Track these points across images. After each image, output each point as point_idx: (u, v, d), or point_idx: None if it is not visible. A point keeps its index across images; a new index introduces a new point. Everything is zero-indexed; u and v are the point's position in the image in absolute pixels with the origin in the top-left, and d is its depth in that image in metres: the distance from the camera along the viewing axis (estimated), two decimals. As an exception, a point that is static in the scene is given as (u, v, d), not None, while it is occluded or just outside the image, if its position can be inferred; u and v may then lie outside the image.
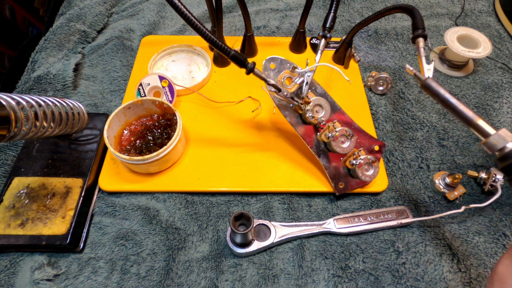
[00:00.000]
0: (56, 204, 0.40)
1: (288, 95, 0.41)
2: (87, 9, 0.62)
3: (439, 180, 0.45)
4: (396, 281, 0.39)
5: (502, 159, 0.23)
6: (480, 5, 0.70)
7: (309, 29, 0.64)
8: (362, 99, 0.53)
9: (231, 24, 0.65)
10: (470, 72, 0.58)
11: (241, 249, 0.39)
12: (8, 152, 0.46)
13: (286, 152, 0.47)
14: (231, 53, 0.36)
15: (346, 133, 0.42)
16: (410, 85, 0.56)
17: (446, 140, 0.50)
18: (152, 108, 0.46)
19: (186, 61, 0.57)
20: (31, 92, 0.51)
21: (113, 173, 0.44)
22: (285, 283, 0.38)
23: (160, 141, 0.44)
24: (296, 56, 0.59)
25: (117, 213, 0.42)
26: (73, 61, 0.55)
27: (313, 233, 0.41)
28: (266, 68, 0.42)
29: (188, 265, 0.39)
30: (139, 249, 0.40)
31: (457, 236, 0.42)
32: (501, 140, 0.23)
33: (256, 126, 0.50)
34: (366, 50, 0.61)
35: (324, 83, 0.55)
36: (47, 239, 0.38)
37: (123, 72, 0.56)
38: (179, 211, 0.43)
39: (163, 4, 0.67)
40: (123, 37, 0.60)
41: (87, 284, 0.38)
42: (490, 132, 0.24)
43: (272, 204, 0.44)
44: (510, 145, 0.23)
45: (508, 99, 0.55)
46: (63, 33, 0.58)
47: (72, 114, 0.40)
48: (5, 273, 0.38)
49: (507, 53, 0.61)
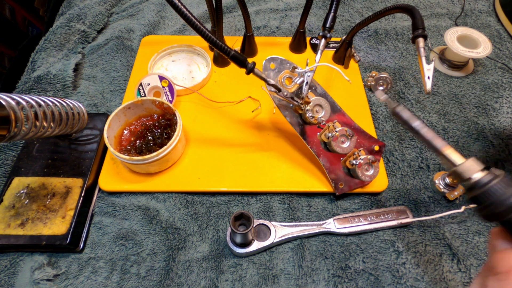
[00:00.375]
0: (56, 204, 0.40)
1: (288, 95, 0.41)
2: (87, 9, 0.62)
3: (439, 180, 0.45)
4: (396, 281, 0.39)
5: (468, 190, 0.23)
6: (480, 5, 0.70)
7: (309, 29, 0.64)
8: (362, 99, 0.53)
9: (231, 24, 0.65)
10: (470, 72, 0.58)
11: (241, 249, 0.39)
12: (8, 152, 0.46)
13: (286, 152, 0.47)
14: (231, 53, 0.36)
15: (346, 133, 0.42)
16: (410, 85, 0.56)
17: (446, 140, 0.50)
18: (152, 108, 0.46)
19: (186, 61, 0.57)
20: (31, 92, 0.51)
21: (113, 173, 0.44)
22: (285, 283, 0.38)
23: (160, 141, 0.44)
24: (296, 56, 0.59)
25: (117, 213, 0.42)
26: (73, 61, 0.55)
27: (313, 233, 0.41)
28: (266, 68, 0.42)
29: (188, 265, 0.39)
30: (139, 249, 0.40)
31: (457, 236, 0.42)
32: (467, 171, 0.23)
33: (256, 126, 0.50)
34: (366, 50, 0.61)
35: (324, 83, 0.55)
36: (47, 239, 0.38)
37: (123, 72, 0.56)
38: (179, 211, 0.43)
39: (163, 4, 0.67)
40: (123, 37, 0.60)
41: (87, 284, 0.38)
42: (457, 162, 0.24)
43: (272, 204, 0.44)
44: (476, 176, 0.23)
45: (508, 99, 0.55)
46: (63, 33, 0.58)
47: (72, 114, 0.40)
48: (5, 273, 0.38)
49: (507, 53, 0.61)
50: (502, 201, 0.22)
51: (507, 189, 0.22)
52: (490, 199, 0.22)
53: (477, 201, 0.23)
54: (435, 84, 0.57)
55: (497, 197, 0.22)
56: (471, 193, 0.24)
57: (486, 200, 0.22)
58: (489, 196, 0.22)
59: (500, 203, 0.22)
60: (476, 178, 0.23)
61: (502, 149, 0.49)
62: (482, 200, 0.23)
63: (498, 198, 0.22)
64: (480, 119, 0.52)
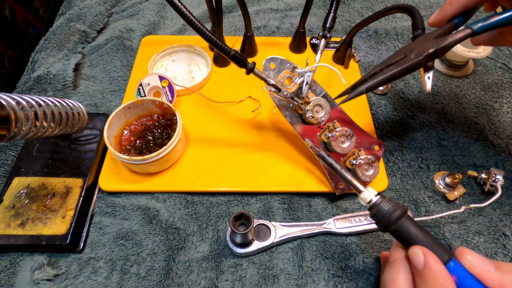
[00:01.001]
0: (56, 204, 0.40)
1: (288, 95, 0.41)
2: (87, 9, 0.62)
3: (439, 180, 0.45)
4: (396, 281, 0.39)
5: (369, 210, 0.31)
6: (480, 5, 0.69)
7: (309, 29, 0.64)
8: (362, 99, 0.53)
9: (231, 24, 0.65)
10: (470, 72, 0.58)
11: (241, 249, 0.39)
12: (8, 152, 0.46)
13: (286, 152, 0.47)
14: (231, 53, 0.36)
15: (346, 133, 0.42)
16: (410, 85, 0.56)
17: (446, 140, 0.50)
18: (152, 108, 0.46)
19: (186, 61, 0.57)
20: (31, 92, 0.51)
21: (113, 173, 0.44)
22: (285, 283, 0.38)
23: (160, 141, 0.45)
24: (296, 56, 0.59)
25: (117, 213, 0.42)
26: (73, 61, 0.55)
27: (313, 233, 0.41)
28: (266, 68, 0.42)
29: (188, 265, 0.39)
30: (139, 249, 0.40)
31: (457, 236, 0.42)
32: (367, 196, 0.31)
33: (256, 126, 0.50)
34: (366, 50, 0.61)
35: (324, 83, 0.55)
36: (47, 239, 0.38)
37: (123, 72, 0.56)
38: (179, 211, 0.43)
39: (163, 4, 0.67)
40: (123, 37, 0.60)
41: (87, 284, 0.38)
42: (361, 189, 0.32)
43: (272, 204, 0.44)
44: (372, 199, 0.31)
45: (508, 99, 0.55)
46: (63, 33, 0.58)
47: (72, 114, 0.40)
48: (5, 273, 0.38)
49: (507, 53, 0.61)
50: (387, 217, 0.29)
51: (390, 208, 0.29)
52: (380, 216, 0.29)
53: (375, 217, 0.30)
54: (435, 84, 0.57)
55: (383, 214, 0.29)
56: (371, 212, 0.30)
57: (379, 216, 0.29)
58: (380, 213, 0.29)
59: (386, 218, 0.29)
60: (373, 200, 0.30)
61: (502, 149, 0.49)
62: (377, 217, 0.30)
63: (385, 215, 0.29)
64: (480, 119, 0.52)
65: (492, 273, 0.24)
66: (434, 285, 0.23)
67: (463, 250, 0.26)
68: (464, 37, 0.32)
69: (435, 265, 0.24)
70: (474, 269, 0.24)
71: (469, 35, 0.32)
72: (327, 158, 0.36)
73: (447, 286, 0.23)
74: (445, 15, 0.33)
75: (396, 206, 0.29)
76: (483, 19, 0.31)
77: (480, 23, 0.31)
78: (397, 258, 0.28)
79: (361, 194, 0.31)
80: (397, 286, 0.26)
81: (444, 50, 0.33)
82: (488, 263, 0.24)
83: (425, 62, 0.33)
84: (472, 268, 0.24)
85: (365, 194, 0.31)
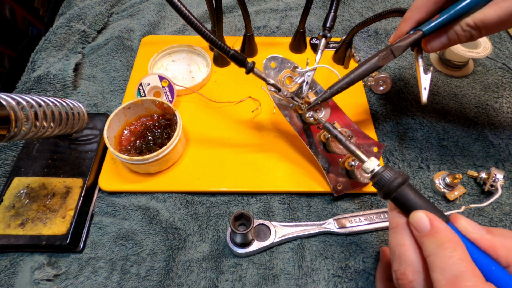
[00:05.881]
0: (56, 204, 0.40)
1: (288, 94, 0.41)
2: (87, 9, 0.62)
3: (439, 180, 0.45)
4: (396, 281, 0.39)
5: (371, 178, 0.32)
6: (480, 5, 0.69)
7: (309, 29, 0.64)
8: (362, 99, 0.53)
9: (231, 24, 0.65)
10: (470, 72, 0.58)
11: (241, 249, 0.39)
12: (8, 152, 0.46)
13: (286, 152, 0.47)
14: (231, 52, 0.36)
15: (345, 134, 0.42)
16: (410, 85, 0.56)
17: (446, 140, 0.50)
18: (152, 108, 0.46)
19: (186, 61, 0.57)
20: (31, 92, 0.51)
21: (113, 173, 0.44)
22: (285, 283, 0.38)
23: (160, 141, 0.45)
24: (296, 56, 0.59)
25: (117, 213, 0.42)
26: (73, 61, 0.55)
27: (313, 233, 0.41)
28: (267, 67, 0.42)
29: (188, 265, 0.39)
30: (139, 249, 0.40)
31: (457, 236, 0.42)
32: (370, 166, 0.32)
33: (256, 126, 0.50)
34: (366, 50, 0.61)
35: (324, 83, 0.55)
36: (47, 239, 0.38)
37: (123, 72, 0.56)
38: (179, 211, 0.43)
39: (163, 4, 0.67)
40: (123, 37, 0.60)
41: (87, 284, 0.38)
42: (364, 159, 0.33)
43: (272, 204, 0.44)
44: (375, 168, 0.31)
45: (508, 99, 0.55)
46: (63, 33, 0.58)
47: (72, 114, 0.40)
48: (5, 273, 0.38)
49: (507, 53, 0.61)
50: (388, 184, 0.29)
51: (391, 176, 0.29)
52: (382, 183, 0.30)
53: (377, 185, 0.31)
54: (435, 84, 0.57)
55: (385, 182, 0.29)
56: (373, 180, 0.31)
57: (380, 184, 0.30)
58: (381, 181, 0.30)
59: (388, 186, 0.29)
60: (375, 169, 0.31)
61: (502, 149, 0.49)
62: (378, 185, 0.30)
63: (386, 182, 0.29)
64: (480, 119, 0.52)
65: (484, 235, 0.25)
66: (445, 240, 0.25)
67: (457, 216, 0.27)
68: (416, 38, 0.37)
69: (440, 224, 0.26)
70: (468, 233, 0.26)
71: (420, 36, 0.36)
72: (332, 130, 0.36)
73: (456, 240, 0.25)
74: (403, 32, 0.38)
75: (398, 175, 0.30)
76: (429, 21, 0.36)
77: (428, 25, 0.36)
78: (399, 223, 0.29)
79: (364, 164, 0.32)
80: (406, 248, 0.27)
81: (397, 49, 0.37)
82: (481, 228, 0.26)
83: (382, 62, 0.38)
84: (467, 232, 0.26)
85: (368, 164, 0.32)
